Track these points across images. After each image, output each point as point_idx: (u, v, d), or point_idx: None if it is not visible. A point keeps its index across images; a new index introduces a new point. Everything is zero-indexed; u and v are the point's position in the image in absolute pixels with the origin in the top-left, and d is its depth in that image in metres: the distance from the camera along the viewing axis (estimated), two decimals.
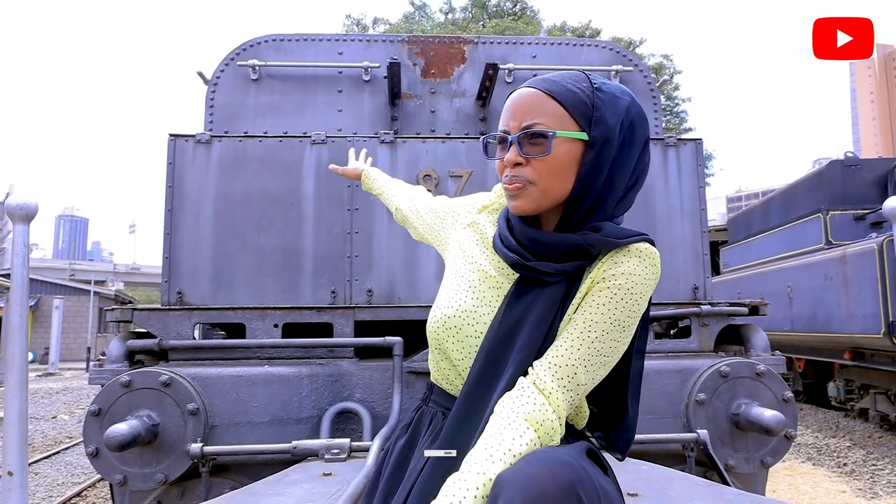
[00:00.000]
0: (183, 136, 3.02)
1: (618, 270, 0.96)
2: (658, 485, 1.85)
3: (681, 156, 3.25)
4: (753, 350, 2.89)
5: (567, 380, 0.93)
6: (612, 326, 0.95)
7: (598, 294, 0.96)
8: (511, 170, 0.99)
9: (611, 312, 0.95)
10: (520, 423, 0.87)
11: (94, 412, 2.39)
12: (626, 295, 0.95)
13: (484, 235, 1.15)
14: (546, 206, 1.01)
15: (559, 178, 0.98)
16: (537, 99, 1.00)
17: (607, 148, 0.98)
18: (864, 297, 6.73)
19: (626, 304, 0.95)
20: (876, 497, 5.44)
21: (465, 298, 1.06)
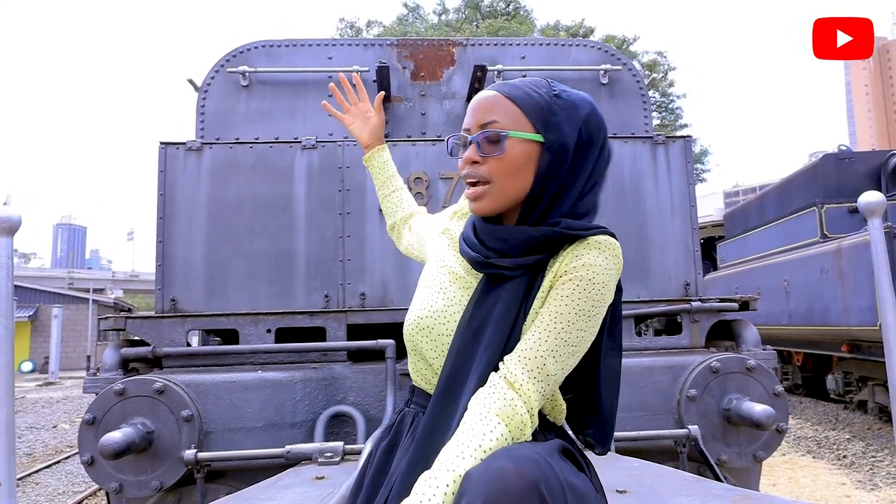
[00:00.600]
0: (174, 143, 3.04)
1: (579, 263, 0.98)
2: (647, 481, 1.86)
3: (670, 154, 3.27)
4: (744, 345, 2.91)
5: (537, 371, 0.95)
6: (578, 317, 0.97)
7: (561, 287, 0.99)
8: (469, 167, 1.05)
9: (575, 304, 0.97)
10: (490, 418, 0.89)
11: (88, 421, 2.40)
12: (589, 286, 0.97)
13: (453, 239, 1.19)
14: (505, 206, 1.05)
15: (514, 178, 1.02)
16: (496, 101, 1.05)
17: (563, 151, 1.02)
18: (859, 290, 6.75)
19: (589, 294, 0.97)
20: (876, 488, 5.46)
21: (436, 299, 1.10)
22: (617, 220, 3.14)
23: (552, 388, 0.98)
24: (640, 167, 3.23)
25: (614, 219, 3.14)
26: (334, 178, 3.05)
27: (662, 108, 20.03)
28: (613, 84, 3.76)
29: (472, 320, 1.02)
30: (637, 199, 3.20)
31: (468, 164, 1.05)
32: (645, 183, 3.22)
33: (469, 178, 1.05)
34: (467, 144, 1.06)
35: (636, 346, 2.88)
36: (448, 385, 1.00)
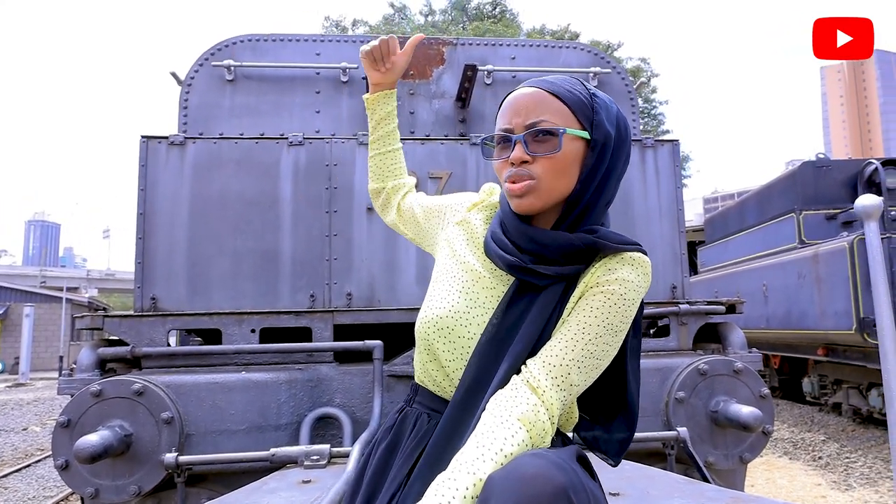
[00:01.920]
0: (155, 137, 2.96)
1: (612, 277, 0.97)
2: (640, 483, 1.84)
3: (658, 157, 3.27)
4: (731, 348, 2.92)
5: (560, 379, 0.93)
6: (606, 330, 0.96)
7: (592, 298, 0.97)
8: (517, 168, 0.99)
9: (604, 316, 0.96)
10: (512, 422, 0.86)
11: (63, 423, 2.32)
12: (620, 301, 0.96)
13: (474, 234, 1.14)
14: (550, 205, 1.01)
15: (564, 177, 0.99)
16: (542, 97, 1.01)
17: (606, 150, 1.01)
18: (836, 295, 6.86)
19: (619, 309, 0.96)
20: (850, 489, 5.54)
21: (457, 299, 1.05)
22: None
23: (573, 399, 0.95)
24: (628, 170, 3.22)
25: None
26: (321, 176, 3.00)
27: (645, 115, 20.23)
28: (602, 87, 3.76)
29: (501, 326, 0.99)
30: (626, 201, 3.20)
31: (514, 165, 0.99)
32: (633, 186, 3.22)
33: (515, 178, 0.99)
34: (512, 144, 1.00)
35: None
36: (470, 390, 0.97)
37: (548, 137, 0.98)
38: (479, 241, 1.12)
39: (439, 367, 1.06)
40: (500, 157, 1.03)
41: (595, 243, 0.99)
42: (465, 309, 1.03)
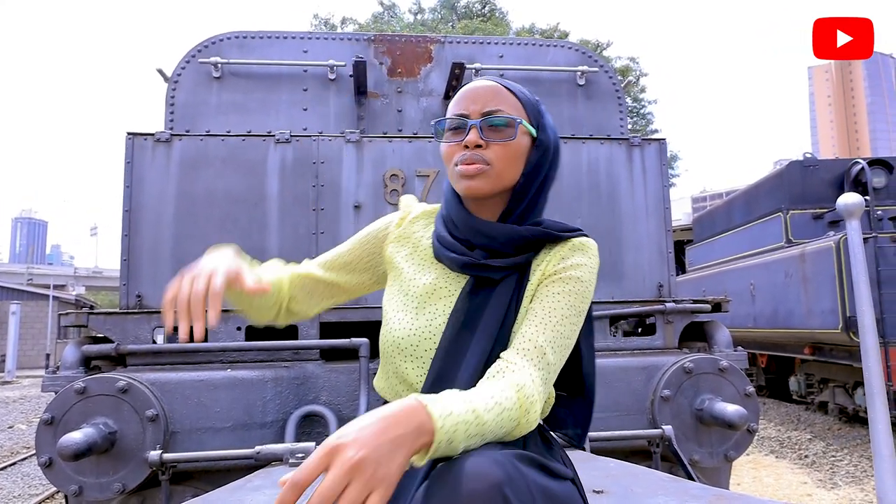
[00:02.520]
0: (141, 134, 2.94)
1: (567, 263, 1.05)
2: (624, 481, 1.85)
3: (645, 155, 3.29)
4: (716, 346, 2.94)
5: (538, 359, 0.97)
6: (571, 311, 1.03)
7: (552, 285, 1.04)
8: (470, 151, 1.03)
9: (568, 300, 1.03)
10: (503, 389, 0.89)
11: (46, 421, 2.30)
12: (578, 284, 1.05)
13: (418, 245, 1.15)
14: (496, 191, 1.06)
15: (513, 166, 1.05)
16: (499, 90, 1.07)
17: (548, 152, 1.10)
18: (822, 294, 6.92)
19: (578, 292, 1.04)
20: (836, 487, 5.60)
21: (416, 316, 1.07)
22: (592, 221, 3.14)
23: (552, 380, 1.00)
24: (615, 169, 3.24)
25: (590, 219, 3.14)
26: (308, 174, 2.99)
27: (634, 114, 20.31)
28: (590, 86, 3.78)
29: (460, 323, 1.02)
30: (612, 200, 3.21)
31: (468, 149, 1.03)
32: (620, 184, 3.23)
33: (468, 161, 1.03)
34: (465, 128, 1.04)
35: (611, 346, 2.89)
36: (435, 384, 0.99)
37: (503, 126, 1.04)
38: (427, 250, 1.13)
39: (408, 388, 1.07)
40: (452, 140, 1.06)
41: (544, 234, 1.06)
42: (425, 324, 1.05)
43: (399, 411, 0.74)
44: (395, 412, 0.74)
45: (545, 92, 3.75)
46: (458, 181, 1.05)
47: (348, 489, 0.66)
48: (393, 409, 0.74)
